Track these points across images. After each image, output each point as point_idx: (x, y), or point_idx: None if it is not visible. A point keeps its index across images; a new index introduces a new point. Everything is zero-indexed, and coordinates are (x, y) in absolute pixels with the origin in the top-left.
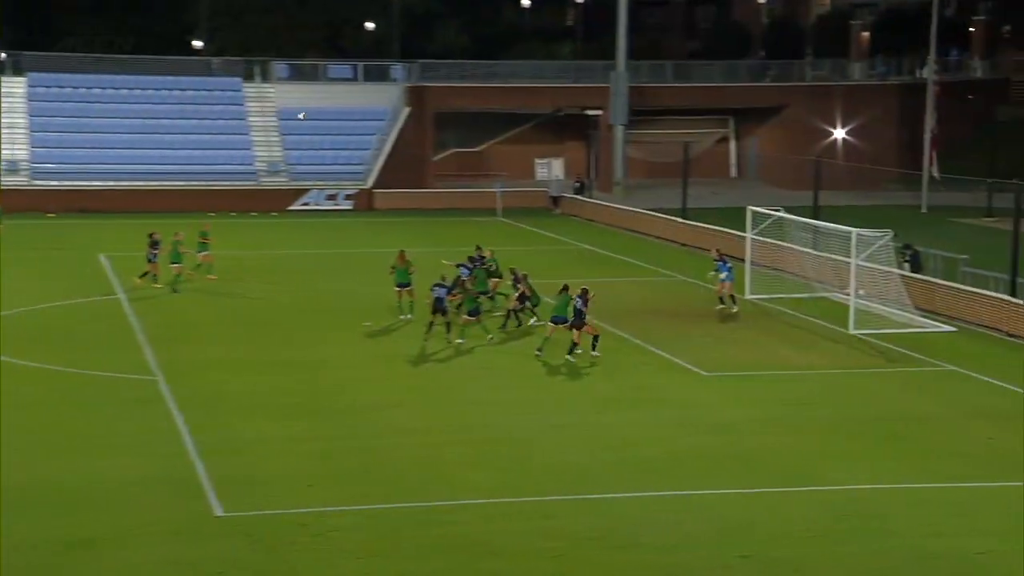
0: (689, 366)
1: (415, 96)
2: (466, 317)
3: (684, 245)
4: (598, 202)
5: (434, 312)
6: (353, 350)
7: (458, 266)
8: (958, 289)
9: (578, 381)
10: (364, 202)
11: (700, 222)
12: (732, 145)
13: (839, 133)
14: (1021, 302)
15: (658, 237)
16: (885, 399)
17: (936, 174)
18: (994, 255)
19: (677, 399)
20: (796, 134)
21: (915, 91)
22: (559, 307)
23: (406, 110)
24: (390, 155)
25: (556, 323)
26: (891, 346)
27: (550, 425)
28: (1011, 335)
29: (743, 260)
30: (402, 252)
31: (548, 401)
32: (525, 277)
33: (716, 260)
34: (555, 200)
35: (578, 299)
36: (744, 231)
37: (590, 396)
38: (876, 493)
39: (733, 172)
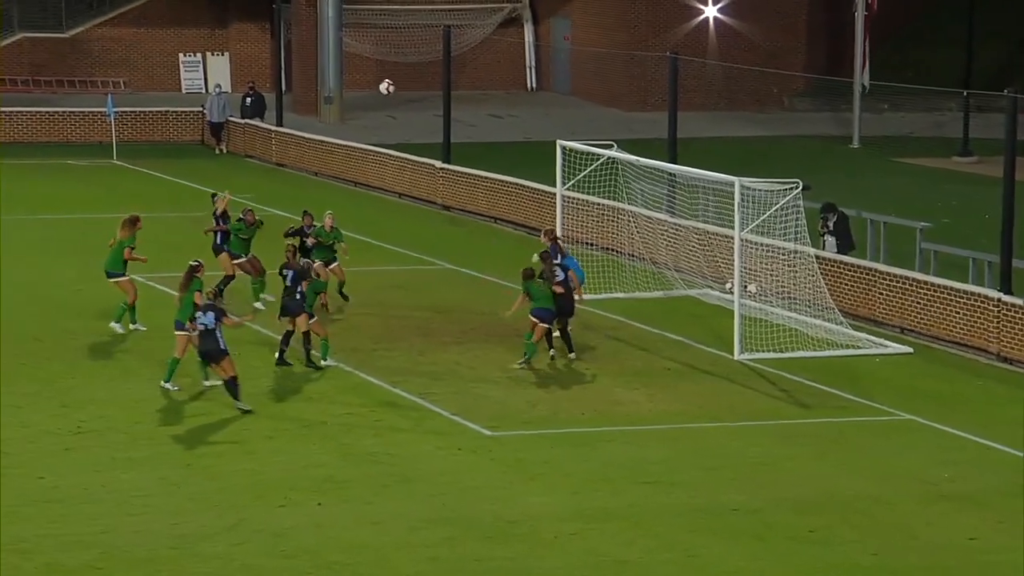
0: (463, 421)
1: None
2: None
3: (448, 208)
4: (292, 132)
5: (201, 357)
6: None
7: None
8: (914, 281)
9: (257, 450)
10: None
11: (474, 168)
12: (528, 33)
13: (710, 11)
14: (1021, 302)
15: (402, 195)
16: (791, 472)
17: (865, 83)
18: (973, 221)
19: (438, 478)
20: (635, 14)
21: None
22: (543, 294)
23: None
24: None
25: (543, 319)
26: (802, 380)
27: (209, 530)
28: (1005, 358)
29: (551, 235)
30: (128, 220)
31: (191, 487)
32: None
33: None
34: (216, 129)
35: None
36: (552, 183)
37: (277, 475)
38: None
39: (531, 80)
